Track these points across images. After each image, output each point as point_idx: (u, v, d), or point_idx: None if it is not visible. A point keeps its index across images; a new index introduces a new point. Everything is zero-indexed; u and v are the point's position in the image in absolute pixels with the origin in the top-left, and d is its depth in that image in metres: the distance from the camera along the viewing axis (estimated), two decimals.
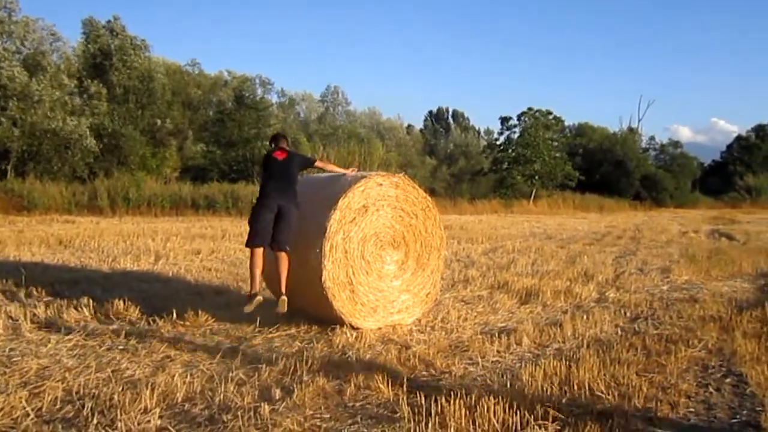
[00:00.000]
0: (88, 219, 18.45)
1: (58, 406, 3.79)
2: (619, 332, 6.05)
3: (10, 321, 5.71)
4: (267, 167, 6.03)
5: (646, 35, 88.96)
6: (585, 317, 6.52)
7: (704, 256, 12.08)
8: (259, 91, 33.34)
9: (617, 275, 9.58)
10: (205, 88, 33.50)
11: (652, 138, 52.29)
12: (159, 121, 26.90)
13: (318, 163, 6.50)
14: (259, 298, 5.67)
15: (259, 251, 5.71)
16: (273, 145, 6.24)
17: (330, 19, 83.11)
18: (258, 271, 5.75)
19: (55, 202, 19.91)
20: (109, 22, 25.85)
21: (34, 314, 5.93)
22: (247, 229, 5.86)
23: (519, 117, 39.40)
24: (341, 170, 6.44)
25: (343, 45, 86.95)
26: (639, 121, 53.23)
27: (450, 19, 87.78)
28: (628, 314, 6.87)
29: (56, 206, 19.79)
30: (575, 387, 4.29)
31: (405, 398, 4.00)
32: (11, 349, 4.92)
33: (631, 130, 50.58)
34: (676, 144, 51.52)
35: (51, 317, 5.90)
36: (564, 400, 4.06)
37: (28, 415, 3.62)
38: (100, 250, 10.96)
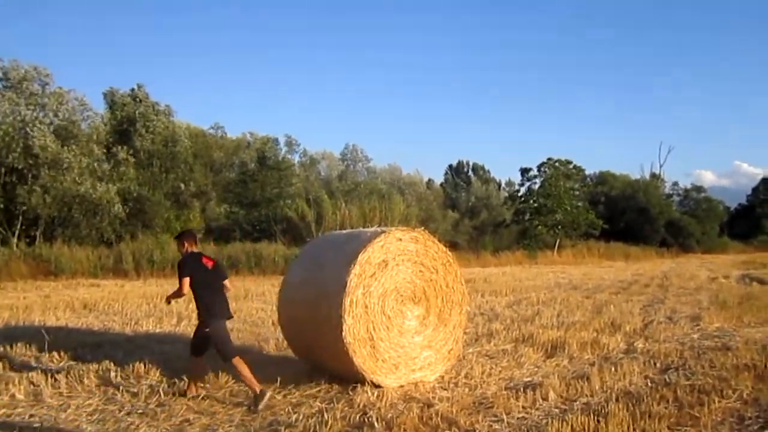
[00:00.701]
0: (113, 282, 18.62)
1: None
2: (649, 384, 5.86)
3: (32, 387, 5.72)
4: (199, 273, 5.64)
5: (663, 82, 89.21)
6: (613, 369, 6.34)
7: (735, 302, 11.77)
8: (284, 151, 33.99)
9: (645, 324, 9.35)
10: (228, 150, 34.17)
11: (675, 183, 51.89)
12: (182, 185, 27.41)
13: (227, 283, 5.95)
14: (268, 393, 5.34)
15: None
16: (186, 245, 5.87)
17: (347, 80, 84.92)
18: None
19: (81, 266, 20.16)
20: (132, 90, 26.72)
21: (56, 379, 5.93)
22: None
23: (539, 168, 39.44)
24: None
25: (362, 104, 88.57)
26: (660, 167, 52.76)
27: (465, 74, 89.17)
28: (658, 365, 6.67)
29: (83, 270, 20.03)
30: None
31: None
32: (31, 416, 4.91)
33: (654, 176, 50.26)
34: (699, 189, 51.00)
35: (72, 382, 5.89)
36: None
37: None
38: (124, 313, 11.01)
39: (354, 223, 24.93)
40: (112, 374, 6.16)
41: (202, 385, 5.75)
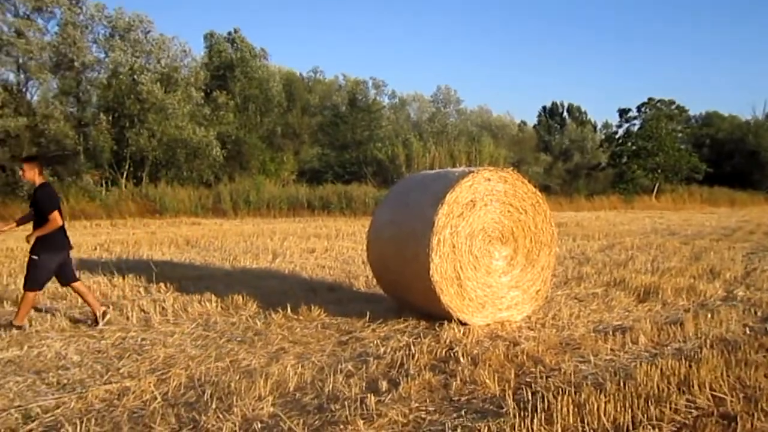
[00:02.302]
0: (212, 221, 19.59)
1: (182, 392, 4.07)
2: (748, 332, 5.62)
3: (143, 314, 6.20)
4: (57, 201, 5.67)
5: None
6: (709, 316, 6.12)
7: None
8: (372, 94, 34.03)
9: (748, 272, 8.91)
10: (321, 93, 34.57)
11: None
12: (277, 128, 28.11)
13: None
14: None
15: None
16: (40, 172, 5.73)
17: (438, 21, 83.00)
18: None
19: (183, 205, 21.32)
20: (230, 34, 27.31)
21: (163, 308, 6.39)
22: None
23: (639, 108, 37.68)
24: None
25: (453, 46, 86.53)
26: None
27: (560, 12, 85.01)
28: (758, 314, 6.38)
29: (184, 209, 21.18)
30: (695, 388, 4.04)
31: (511, 394, 3.95)
32: (143, 339, 5.34)
33: None
34: None
35: (177, 310, 6.33)
36: (682, 402, 3.84)
37: (156, 398, 3.92)
38: (223, 249, 11.60)
39: (443, 165, 24.86)
40: (213, 305, 6.55)
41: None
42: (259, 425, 3.54)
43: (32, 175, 5.71)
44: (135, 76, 22.33)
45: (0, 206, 18.83)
